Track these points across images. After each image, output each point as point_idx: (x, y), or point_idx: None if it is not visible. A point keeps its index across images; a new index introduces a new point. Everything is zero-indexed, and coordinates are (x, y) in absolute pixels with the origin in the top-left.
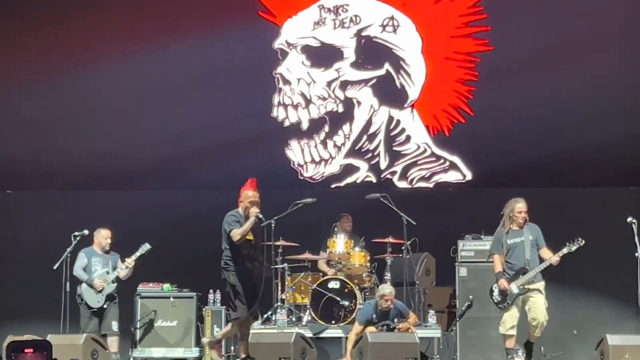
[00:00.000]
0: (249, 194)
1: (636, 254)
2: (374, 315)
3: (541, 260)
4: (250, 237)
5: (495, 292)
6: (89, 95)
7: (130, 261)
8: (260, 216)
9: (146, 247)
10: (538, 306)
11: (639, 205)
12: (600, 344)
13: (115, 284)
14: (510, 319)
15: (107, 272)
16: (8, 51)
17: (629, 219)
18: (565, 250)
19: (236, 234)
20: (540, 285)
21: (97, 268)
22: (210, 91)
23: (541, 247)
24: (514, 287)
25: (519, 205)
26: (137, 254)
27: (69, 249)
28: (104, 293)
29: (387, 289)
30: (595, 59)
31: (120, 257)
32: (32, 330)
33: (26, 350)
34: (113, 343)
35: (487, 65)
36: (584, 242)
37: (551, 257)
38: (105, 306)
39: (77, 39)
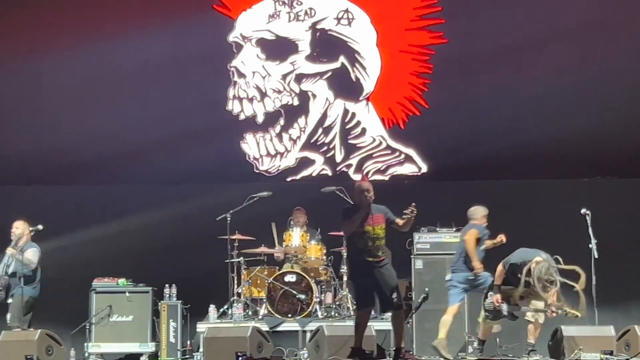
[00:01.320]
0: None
1: (590, 245)
2: None
3: None
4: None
5: (488, 301)
6: (41, 86)
7: (9, 249)
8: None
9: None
10: None
11: (593, 197)
12: (555, 335)
13: (8, 277)
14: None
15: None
16: None
17: (583, 211)
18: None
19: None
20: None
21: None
22: (165, 84)
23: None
24: (504, 307)
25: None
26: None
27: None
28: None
29: None
30: (551, 51)
31: (32, 248)
32: None
33: None
34: None
35: (442, 58)
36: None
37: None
38: (9, 300)
39: (26, 28)
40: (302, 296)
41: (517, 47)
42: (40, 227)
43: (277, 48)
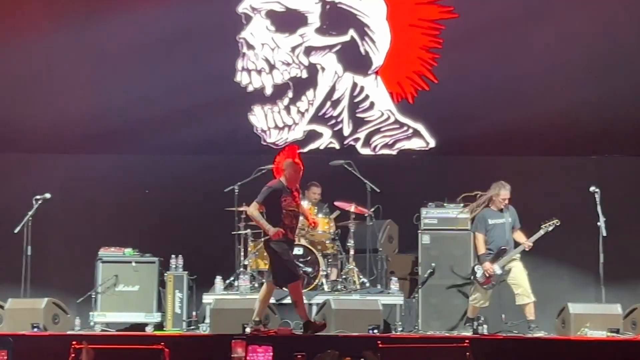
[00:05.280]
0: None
1: (598, 223)
2: None
3: (514, 241)
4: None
5: (479, 274)
6: (52, 58)
7: None
8: None
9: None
10: (519, 274)
11: (602, 175)
12: (562, 312)
13: None
14: (483, 298)
15: None
16: None
17: (592, 188)
18: (542, 232)
19: None
20: (516, 256)
21: None
22: (174, 56)
23: (515, 228)
24: (497, 269)
25: (504, 192)
26: None
27: (30, 213)
28: None
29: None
30: (561, 24)
31: None
32: None
33: None
34: None
35: (452, 33)
36: (559, 222)
37: (524, 243)
38: None
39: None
40: (309, 269)
41: (527, 23)
42: (48, 195)
43: (287, 20)
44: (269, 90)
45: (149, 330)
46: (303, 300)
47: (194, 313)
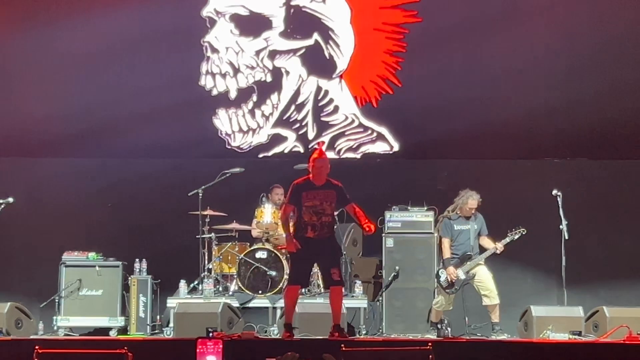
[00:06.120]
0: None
1: (560, 227)
2: None
3: (480, 247)
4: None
5: (442, 278)
6: (16, 60)
7: None
8: None
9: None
10: (485, 277)
11: (564, 178)
12: (524, 315)
13: None
14: (446, 302)
15: None
16: None
17: (554, 192)
18: (508, 240)
19: None
20: (481, 261)
21: None
22: (138, 58)
23: (482, 235)
24: (460, 274)
25: (472, 202)
26: None
27: None
28: None
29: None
30: (522, 30)
31: None
32: None
33: None
34: None
35: (416, 37)
36: (525, 231)
37: (496, 245)
38: None
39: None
40: (273, 273)
41: (491, 26)
42: (10, 199)
43: (251, 24)
44: (233, 94)
45: (112, 334)
46: (292, 307)
47: (158, 317)
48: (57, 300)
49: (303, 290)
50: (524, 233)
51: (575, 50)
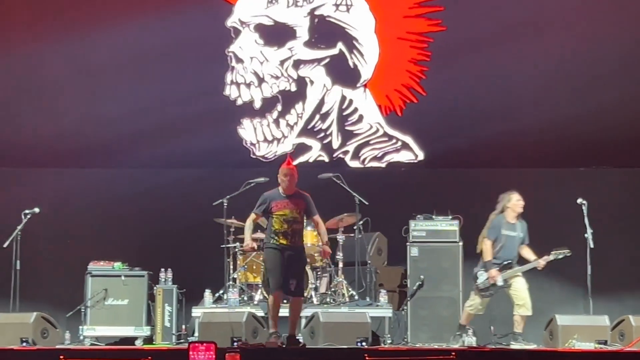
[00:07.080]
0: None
1: (585, 235)
2: None
3: (519, 256)
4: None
5: (481, 279)
6: (42, 72)
7: None
8: None
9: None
10: (521, 287)
11: (589, 186)
12: (550, 324)
13: None
14: (481, 305)
15: None
16: None
17: (579, 200)
18: (551, 258)
19: None
20: (520, 273)
21: None
22: (163, 69)
23: (524, 244)
24: (499, 280)
25: (517, 196)
26: None
27: (19, 227)
28: None
29: None
30: (548, 38)
31: None
32: None
33: None
34: None
35: (440, 46)
36: (570, 253)
37: (539, 261)
38: None
39: (29, 13)
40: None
41: (515, 35)
42: (37, 209)
43: (275, 34)
44: (258, 104)
45: (138, 344)
46: (275, 314)
47: (183, 326)
48: (83, 310)
49: (328, 299)
50: (568, 255)
51: (599, 58)
